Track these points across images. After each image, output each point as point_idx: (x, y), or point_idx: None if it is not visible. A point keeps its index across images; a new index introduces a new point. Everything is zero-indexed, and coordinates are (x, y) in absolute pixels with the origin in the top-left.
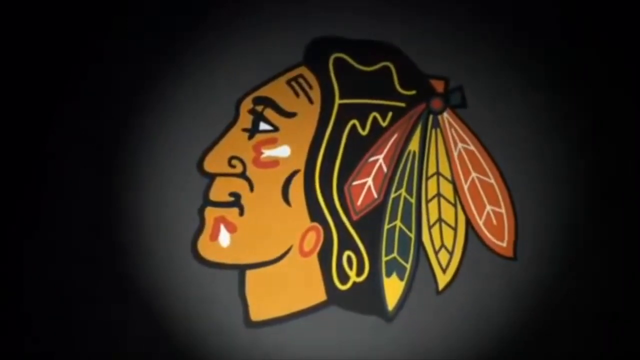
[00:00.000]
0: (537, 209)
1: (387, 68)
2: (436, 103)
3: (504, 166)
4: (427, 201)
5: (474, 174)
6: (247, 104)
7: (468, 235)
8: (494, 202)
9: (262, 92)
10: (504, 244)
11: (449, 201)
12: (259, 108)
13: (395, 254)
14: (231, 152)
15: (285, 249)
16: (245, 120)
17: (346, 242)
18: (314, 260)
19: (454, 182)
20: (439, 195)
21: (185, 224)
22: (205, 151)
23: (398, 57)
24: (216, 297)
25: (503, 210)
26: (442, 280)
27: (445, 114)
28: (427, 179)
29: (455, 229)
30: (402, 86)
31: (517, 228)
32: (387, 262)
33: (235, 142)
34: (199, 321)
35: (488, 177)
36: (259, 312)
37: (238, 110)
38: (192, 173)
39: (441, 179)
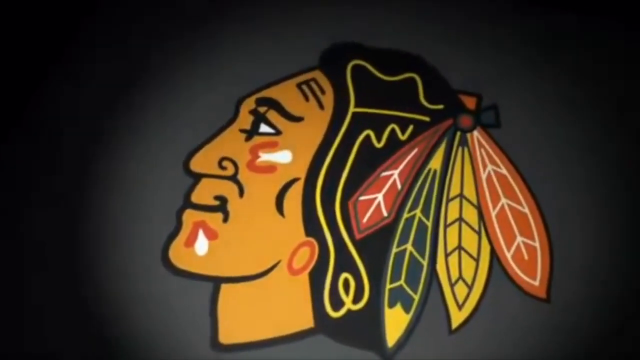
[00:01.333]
0: (578, 246)
1: (412, 79)
2: (465, 120)
3: (541, 195)
4: (446, 226)
5: (504, 200)
6: (249, 104)
7: (492, 269)
8: (527, 233)
9: (268, 93)
10: (536, 283)
11: (472, 228)
12: (262, 109)
13: (402, 282)
14: (224, 152)
15: (272, 264)
16: (245, 120)
17: (344, 263)
18: (304, 279)
19: (479, 207)
20: (460, 220)
21: (160, 226)
22: (194, 149)
23: (426, 70)
24: (182, 310)
25: (537, 244)
26: (457, 317)
27: (475, 132)
28: (449, 201)
29: (477, 260)
30: (428, 100)
31: (552, 266)
32: (391, 290)
33: (230, 142)
34: (157, 336)
35: (521, 205)
36: (229, 333)
37: (238, 109)
38: (176, 171)
39: (465, 202)
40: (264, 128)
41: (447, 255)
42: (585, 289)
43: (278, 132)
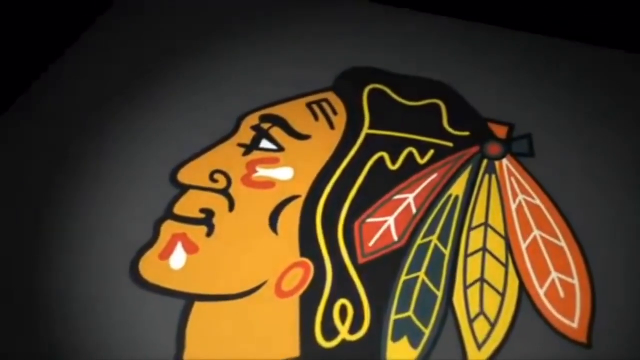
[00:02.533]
0: (624, 285)
1: (435, 105)
2: (493, 148)
3: (581, 229)
4: (467, 255)
5: (536, 232)
6: (251, 119)
7: (520, 305)
8: (563, 269)
9: (273, 110)
10: (574, 324)
11: (497, 259)
12: (265, 125)
13: (410, 313)
14: (217, 165)
15: (257, 283)
16: (245, 135)
17: (343, 288)
18: (293, 303)
19: (507, 238)
20: (484, 250)
21: (134, 234)
22: (184, 161)
23: (451, 96)
24: (146, 327)
25: (575, 281)
26: (475, 358)
27: (504, 160)
28: (471, 229)
29: (502, 295)
30: (452, 126)
31: (594, 306)
32: (397, 322)
33: (225, 155)
34: (113, 354)
35: (557, 238)
36: (197, 356)
37: (238, 124)
38: (161, 181)
39: (490, 231)
40: (265, 144)
41: (466, 287)
42: (634, 332)
43: (280, 149)
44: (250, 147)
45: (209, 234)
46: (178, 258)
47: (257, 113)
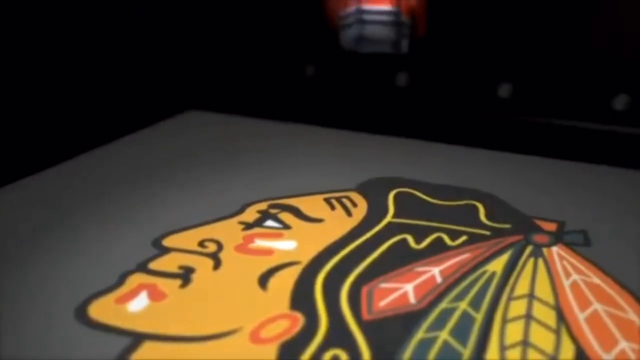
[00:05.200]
0: None
1: (471, 205)
2: (540, 237)
3: None
4: (506, 321)
5: (597, 305)
6: (259, 205)
7: None
8: (637, 339)
9: (286, 201)
10: None
11: (546, 326)
12: (274, 211)
13: None
14: (209, 235)
15: (229, 328)
16: (250, 216)
17: (338, 340)
18: (269, 350)
19: (558, 309)
20: (528, 316)
21: (96, 282)
22: (175, 230)
23: (491, 199)
24: None
25: None
26: None
27: (554, 247)
28: (511, 299)
29: (554, 358)
30: (491, 219)
31: None
32: None
33: (221, 228)
34: None
35: (624, 311)
36: None
37: (244, 209)
38: (143, 244)
39: (536, 302)
40: (269, 223)
41: (504, 348)
42: None
43: (286, 227)
44: (252, 225)
45: (183, 286)
46: (138, 303)
47: (267, 202)
